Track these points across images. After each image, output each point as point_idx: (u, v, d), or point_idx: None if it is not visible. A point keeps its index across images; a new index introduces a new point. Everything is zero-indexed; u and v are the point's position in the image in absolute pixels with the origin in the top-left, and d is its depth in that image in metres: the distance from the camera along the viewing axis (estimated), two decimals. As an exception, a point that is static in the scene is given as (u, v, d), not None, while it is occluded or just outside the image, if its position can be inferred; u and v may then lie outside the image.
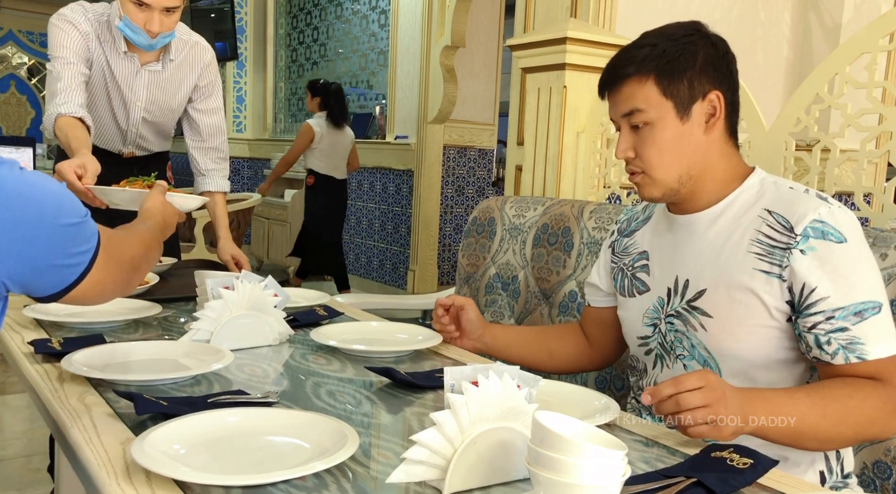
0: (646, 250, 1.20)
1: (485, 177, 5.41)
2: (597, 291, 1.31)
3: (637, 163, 1.08)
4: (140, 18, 1.70)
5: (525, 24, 2.86)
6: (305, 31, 6.50)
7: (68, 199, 0.78)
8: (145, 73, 1.88)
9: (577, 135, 2.34)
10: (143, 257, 0.97)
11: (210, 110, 2.00)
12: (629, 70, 1.06)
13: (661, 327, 1.14)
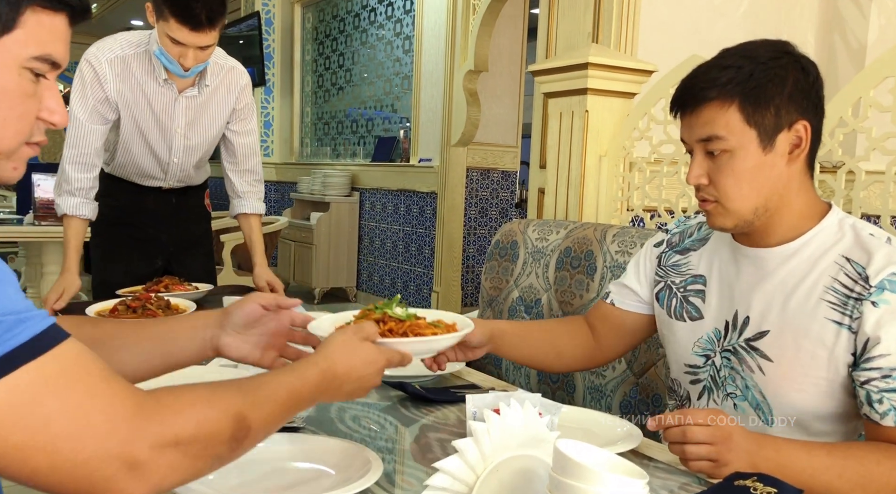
0: (702, 275, 1.14)
1: (508, 198, 5.43)
2: (629, 294, 1.25)
3: (710, 191, 1.02)
4: (175, 52, 1.74)
5: (547, 50, 2.89)
6: (331, 58, 6.62)
7: None
8: (183, 100, 1.92)
9: (600, 159, 2.35)
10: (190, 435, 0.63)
11: (245, 132, 2.05)
12: (710, 93, 0.98)
13: (714, 360, 1.10)
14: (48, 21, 0.67)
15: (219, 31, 1.76)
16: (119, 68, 1.84)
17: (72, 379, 0.59)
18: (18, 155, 0.69)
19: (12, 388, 0.55)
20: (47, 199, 3.19)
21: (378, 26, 5.90)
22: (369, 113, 6.13)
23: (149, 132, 1.93)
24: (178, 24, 1.68)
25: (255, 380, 0.73)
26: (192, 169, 2.05)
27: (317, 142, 6.93)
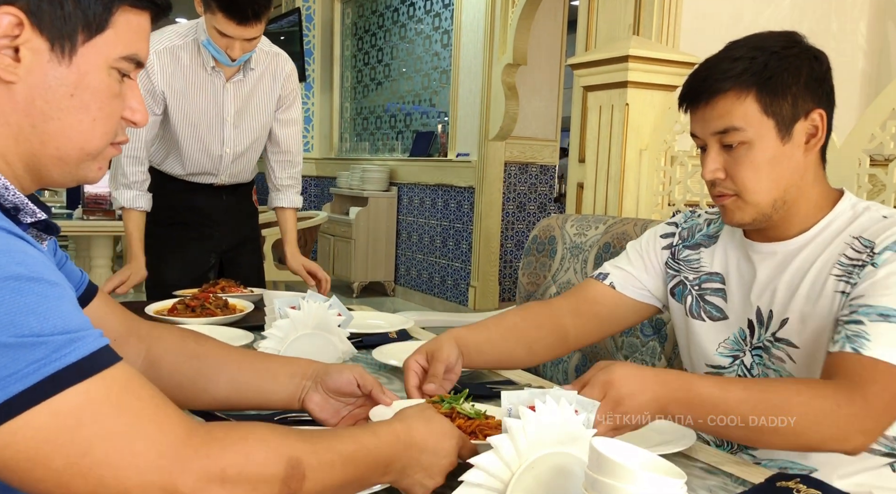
0: (719, 272, 1.12)
1: (546, 192, 5.39)
2: (631, 280, 1.20)
3: (728, 184, 1.00)
4: (222, 44, 1.78)
5: (587, 42, 2.86)
6: (370, 53, 6.65)
7: None
8: (231, 87, 1.95)
9: (640, 153, 2.31)
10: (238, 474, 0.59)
11: (289, 121, 2.07)
12: (725, 85, 0.96)
13: (744, 360, 1.09)
14: (135, 20, 0.68)
15: (264, 23, 1.79)
16: (167, 59, 1.88)
17: (119, 405, 0.56)
18: (104, 155, 0.70)
19: (56, 411, 0.54)
20: (95, 194, 3.28)
21: (417, 21, 5.91)
22: (407, 107, 6.15)
23: (200, 123, 1.96)
24: (226, 18, 1.71)
25: (320, 430, 0.70)
26: (243, 162, 2.07)
27: (356, 138, 6.98)
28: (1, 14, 0.61)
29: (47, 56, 0.64)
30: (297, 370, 0.93)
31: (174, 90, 1.90)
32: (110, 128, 0.69)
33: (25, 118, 0.64)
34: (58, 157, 0.67)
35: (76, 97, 0.66)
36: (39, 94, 0.64)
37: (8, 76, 0.62)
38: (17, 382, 0.52)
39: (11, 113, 0.64)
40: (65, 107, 0.65)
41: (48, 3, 0.63)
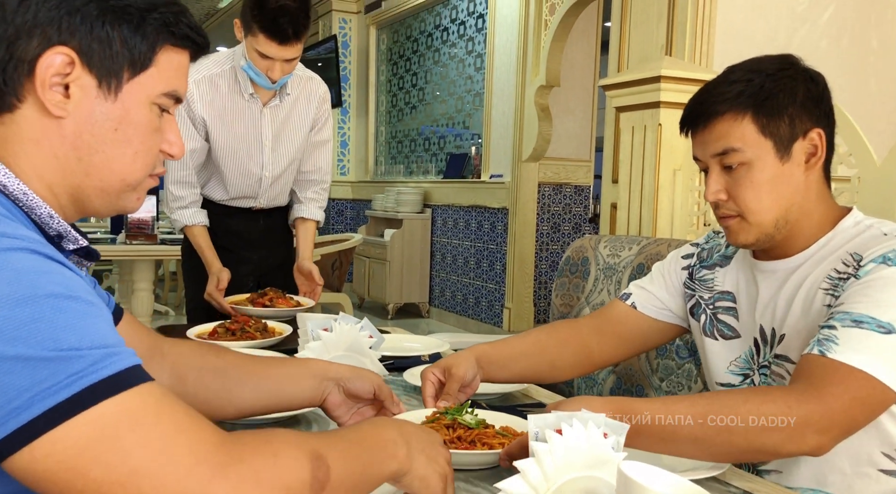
0: (730, 291, 1.13)
1: (581, 213, 5.37)
2: (653, 299, 1.21)
3: (730, 205, 1.01)
4: (263, 66, 1.83)
5: (619, 63, 2.86)
6: (405, 77, 6.75)
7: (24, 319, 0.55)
8: (268, 112, 2.00)
9: (674, 173, 2.30)
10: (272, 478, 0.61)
11: (319, 142, 2.11)
12: (722, 107, 1.00)
13: (754, 379, 1.09)
14: (176, 58, 0.72)
15: (303, 43, 1.84)
16: (206, 87, 1.94)
17: (155, 415, 0.58)
18: (143, 186, 0.74)
19: (93, 421, 0.55)
20: (138, 220, 3.37)
21: (450, 45, 5.98)
22: (441, 130, 6.20)
23: (240, 148, 2.01)
24: (267, 38, 1.76)
25: (345, 430, 0.76)
26: (280, 184, 2.11)
27: (390, 160, 7.06)
28: (55, 54, 0.65)
29: (95, 92, 0.68)
30: (319, 372, 0.97)
31: (213, 117, 1.96)
32: (150, 161, 0.73)
33: (72, 151, 0.68)
34: (101, 188, 0.71)
35: (120, 131, 0.69)
36: (86, 129, 0.68)
37: (58, 112, 0.66)
38: (56, 393, 0.54)
39: (60, 146, 0.68)
40: (109, 141, 0.69)
41: (98, 42, 0.66)
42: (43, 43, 0.65)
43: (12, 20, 0.64)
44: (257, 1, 1.76)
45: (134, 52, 0.68)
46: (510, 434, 0.97)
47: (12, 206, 0.66)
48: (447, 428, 0.95)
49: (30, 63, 0.65)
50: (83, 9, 0.65)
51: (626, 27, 2.82)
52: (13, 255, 0.57)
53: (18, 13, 0.64)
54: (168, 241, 3.47)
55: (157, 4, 0.69)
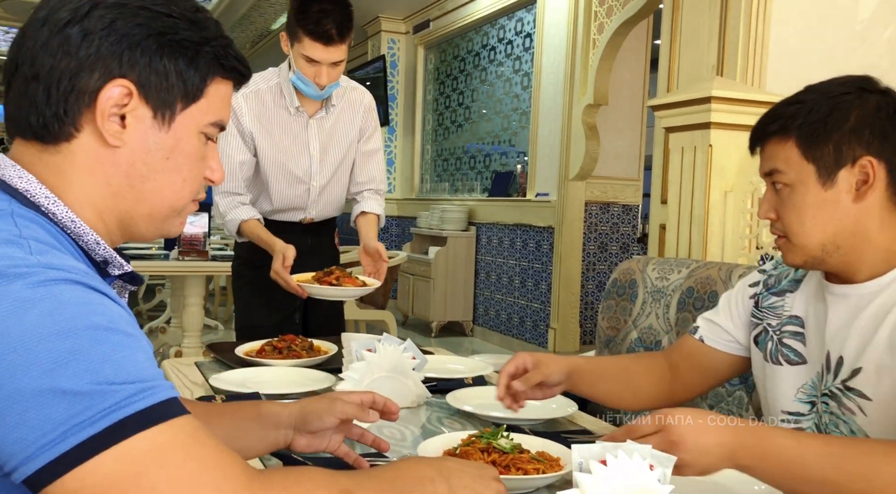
0: (799, 316, 1.10)
1: (629, 233, 5.29)
2: (719, 332, 1.20)
3: (778, 225, 1.02)
4: (310, 72, 1.87)
5: (668, 83, 2.83)
6: (452, 96, 6.80)
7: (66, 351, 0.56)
8: (314, 123, 2.03)
9: (725, 195, 2.25)
10: None
11: (370, 151, 2.13)
12: (772, 127, 1.01)
13: (818, 407, 1.05)
14: (223, 89, 0.75)
15: (347, 45, 1.89)
16: (253, 102, 1.99)
17: (183, 452, 0.58)
18: (186, 210, 0.77)
19: (121, 457, 0.55)
20: (191, 236, 3.46)
21: (497, 64, 6.01)
22: (487, 148, 6.22)
23: (287, 160, 2.05)
24: (312, 41, 1.82)
25: (378, 470, 0.74)
26: (328, 194, 2.13)
27: (436, 178, 7.10)
28: (115, 86, 0.67)
29: (150, 123, 0.70)
30: (271, 422, 0.92)
31: (261, 130, 2.00)
32: (196, 187, 0.76)
33: (125, 179, 0.70)
34: (149, 214, 0.73)
35: (171, 160, 0.72)
36: (140, 158, 0.70)
37: (115, 142, 0.69)
38: (87, 428, 0.55)
39: (113, 174, 0.70)
40: (161, 169, 0.72)
41: (156, 75, 0.69)
42: (104, 75, 0.67)
43: (76, 54, 0.66)
44: (301, 6, 1.82)
45: (188, 84, 0.71)
46: (546, 459, 0.96)
47: (59, 233, 0.67)
48: (482, 452, 0.95)
49: (91, 94, 0.67)
50: (143, 43, 0.68)
51: (675, 46, 2.79)
52: (57, 287, 0.58)
53: (82, 47, 0.66)
54: (219, 257, 3.55)
55: (208, 38, 0.72)
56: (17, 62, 0.68)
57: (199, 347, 3.57)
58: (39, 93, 0.67)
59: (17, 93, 0.68)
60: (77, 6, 0.67)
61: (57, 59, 0.66)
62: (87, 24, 0.66)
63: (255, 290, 2.10)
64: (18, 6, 7.50)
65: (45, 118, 0.67)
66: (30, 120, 0.67)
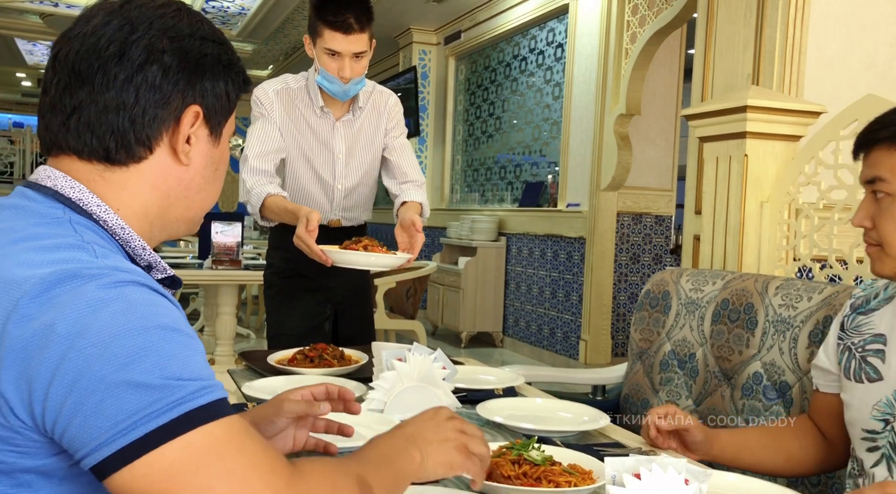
0: (883, 333, 1.08)
1: (662, 243, 5.23)
2: (825, 374, 1.18)
3: (872, 234, 1.00)
4: (333, 67, 1.89)
5: (702, 92, 2.79)
6: (482, 106, 6.81)
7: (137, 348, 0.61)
8: (340, 126, 2.05)
9: (761, 205, 2.21)
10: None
11: (402, 146, 2.13)
12: (880, 134, 0.98)
13: (893, 425, 1.02)
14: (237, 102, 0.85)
15: (369, 37, 1.91)
16: (284, 98, 2.02)
17: (238, 447, 0.64)
18: None
19: (185, 447, 0.61)
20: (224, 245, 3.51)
21: (528, 74, 6.01)
22: (517, 158, 6.20)
23: (313, 159, 2.06)
24: (332, 31, 1.85)
25: (366, 451, 0.80)
26: (354, 196, 2.14)
27: (466, 189, 7.11)
28: (191, 112, 0.77)
29: (206, 140, 0.80)
30: None
31: (289, 125, 2.02)
32: None
33: (184, 191, 0.80)
34: (191, 218, 0.83)
35: (218, 170, 0.83)
36: (199, 172, 0.80)
37: (186, 160, 0.78)
38: (156, 418, 0.60)
39: (175, 187, 0.79)
40: (212, 179, 0.83)
41: (215, 98, 0.79)
42: (183, 104, 0.77)
43: (159, 88, 0.75)
44: (319, 1, 1.86)
45: (231, 102, 0.82)
46: (578, 472, 0.94)
47: (109, 239, 0.73)
48: (513, 464, 0.94)
49: (169, 121, 0.76)
50: (208, 71, 0.78)
51: (710, 55, 2.75)
52: (126, 288, 0.64)
53: (164, 83, 0.75)
54: (251, 266, 3.59)
55: (234, 59, 0.82)
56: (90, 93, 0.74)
57: (232, 355, 3.61)
58: (124, 122, 0.74)
59: (89, 120, 0.74)
60: (149, 44, 0.74)
61: (141, 94, 0.74)
62: (166, 61, 0.75)
63: (286, 299, 2.11)
64: (60, 21, 7.73)
65: (128, 143, 0.75)
66: (105, 144, 0.74)
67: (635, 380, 1.86)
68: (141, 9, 0.76)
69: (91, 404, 0.60)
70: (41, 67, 10.80)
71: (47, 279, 0.62)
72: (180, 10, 0.78)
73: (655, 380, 1.79)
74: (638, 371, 1.86)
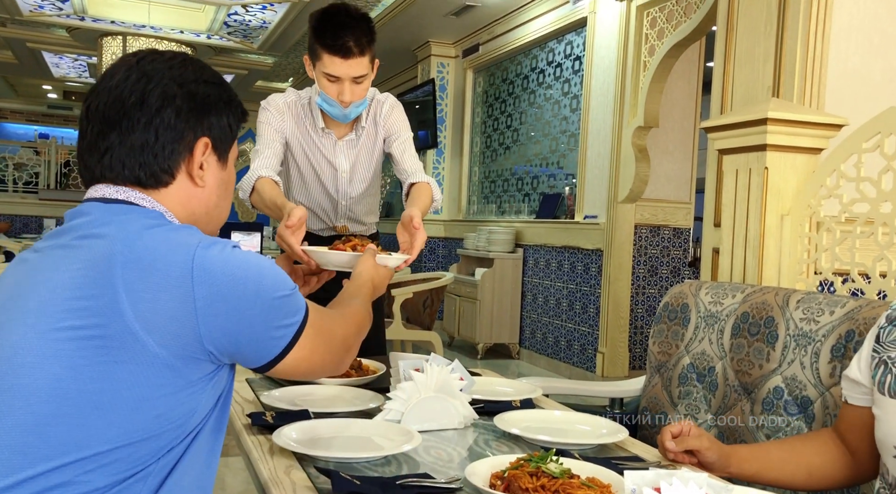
0: None
1: (680, 256, 5.19)
2: (856, 387, 1.15)
3: None
4: (333, 91, 1.85)
5: (722, 105, 2.78)
6: (500, 119, 6.82)
7: (272, 274, 0.88)
8: (343, 145, 2.03)
9: (782, 218, 2.18)
10: (355, 336, 1.06)
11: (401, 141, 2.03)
12: None
13: None
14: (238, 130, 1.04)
15: (370, 60, 1.84)
16: (295, 109, 2.01)
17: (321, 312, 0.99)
18: None
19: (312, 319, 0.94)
20: (243, 254, 3.54)
21: (546, 87, 6.01)
22: (535, 170, 6.20)
23: (318, 169, 2.05)
24: (330, 55, 1.79)
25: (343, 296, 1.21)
26: (363, 206, 2.14)
27: (483, 200, 7.11)
28: (202, 143, 0.95)
29: (216, 165, 0.99)
30: None
31: (295, 136, 2.02)
32: None
33: (204, 208, 0.98)
34: (213, 230, 1.01)
35: (227, 188, 1.02)
36: (213, 191, 0.99)
37: (200, 183, 0.96)
38: (301, 312, 0.93)
39: (197, 206, 0.97)
40: (224, 197, 1.01)
41: (220, 130, 0.98)
42: (194, 138, 0.95)
43: (174, 126, 0.93)
44: (318, 22, 1.80)
45: (234, 132, 1.00)
46: (596, 485, 0.93)
47: None
48: (530, 476, 0.93)
49: (184, 152, 0.94)
50: (213, 109, 0.96)
51: (729, 67, 2.74)
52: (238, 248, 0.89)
53: (178, 122, 0.93)
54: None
55: (233, 95, 1.01)
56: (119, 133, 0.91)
57: (249, 364, 3.62)
58: (148, 156, 0.91)
59: (123, 156, 0.91)
60: (163, 92, 0.92)
61: (160, 133, 0.92)
62: (178, 104, 0.92)
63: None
64: (86, 34, 7.86)
65: (156, 173, 0.92)
66: (137, 174, 0.92)
67: (653, 393, 1.84)
68: (154, 63, 0.93)
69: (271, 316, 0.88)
70: (67, 80, 11.00)
71: (202, 244, 0.85)
72: (185, 61, 0.96)
73: (674, 394, 1.78)
74: (656, 384, 1.85)
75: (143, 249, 0.83)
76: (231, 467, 3.11)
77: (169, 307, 0.80)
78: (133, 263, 0.82)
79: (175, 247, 0.84)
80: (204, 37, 7.90)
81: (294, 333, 0.90)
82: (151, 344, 0.80)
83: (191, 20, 7.49)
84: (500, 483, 0.94)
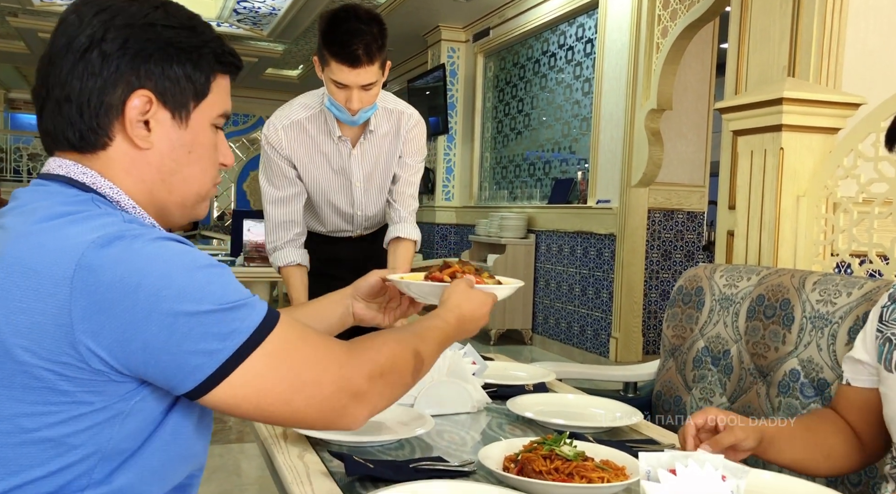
0: None
1: (694, 240, 5.15)
2: (859, 367, 1.13)
3: None
4: (341, 97, 1.80)
5: (736, 85, 2.74)
6: (511, 103, 6.78)
7: (189, 282, 0.69)
8: (357, 152, 1.98)
9: (797, 199, 2.16)
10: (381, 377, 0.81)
11: (413, 165, 2.04)
12: None
13: None
14: (223, 82, 0.85)
15: (379, 68, 1.80)
16: (294, 133, 1.94)
17: (303, 340, 0.76)
18: (210, 194, 0.87)
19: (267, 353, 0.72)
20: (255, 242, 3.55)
21: (558, 71, 5.96)
22: (547, 155, 6.16)
23: (330, 189, 2.01)
24: (339, 63, 1.74)
25: (418, 326, 0.93)
26: (375, 215, 2.13)
27: (494, 186, 7.09)
28: (137, 96, 0.77)
29: (170, 124, 0.80)
30: (338, 297, 1.16)
31: (303, 159, 1.96)
32: (214, 173, 0.86)
33: (157, 175, 0.81)
34: (180, 203, 0.84)
35: (193, 153, 0.82)
36: (167, 155, 0.81)
37: (144, 144, 0.79)
38: (238, 336, 0.70)
39: (147, 172, 0.80)
40: (185, 163, 0.82)
41: (169, 81, 0.79)
42: (127, 89, 0.77)
43: (100, 74, 0.76)
44: (328, 25, 1.75)
45: (196, 84, 0.81)
46: (611, 468, 0.93)
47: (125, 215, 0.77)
48: (544, 459, 0.93)
49: (118, 107, 0.77)
50: (154, 55, 0.78)
51: (744, 48, 2.70)
52: (163, 242, 0.71)
53: (104, 68, 0.76)
54: (282, 263, 3.62)
55: (206, 41, 0.82)
56: (48, 87, 0.77)
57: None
58: (73, 112, 0.76)
59: (52, 114, 0.78)
60: (92, 32, 0.76)
61: (84, 82, 0.76)
62: (105, 47, 0.76)
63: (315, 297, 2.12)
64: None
65: (82, 132, 0.77)
66: (67, 135, 0.78)
67: (668, 377, 1.83)
68: (93, 2, 0.78)
69: (176, 339, 0.68)
70: (78, 70, 11.03)
71: (97, 241, 0.68)
72: (157, 5, 0.79)
73: (688, 377, 1.77)
74: (670, 368, 1.84)
75: (29, 248, 0.69)
76: (246, 453, 3.14)
77: (41, 320, 0.66)
78: (15, 265, 0.68)
79: (64, 246, 0.68)
80: (213, 24, 7.88)
81: (225, 358, 0.69)
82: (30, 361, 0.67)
83: (200, 7, 7.49)
84: (513, 466, 0.94)
